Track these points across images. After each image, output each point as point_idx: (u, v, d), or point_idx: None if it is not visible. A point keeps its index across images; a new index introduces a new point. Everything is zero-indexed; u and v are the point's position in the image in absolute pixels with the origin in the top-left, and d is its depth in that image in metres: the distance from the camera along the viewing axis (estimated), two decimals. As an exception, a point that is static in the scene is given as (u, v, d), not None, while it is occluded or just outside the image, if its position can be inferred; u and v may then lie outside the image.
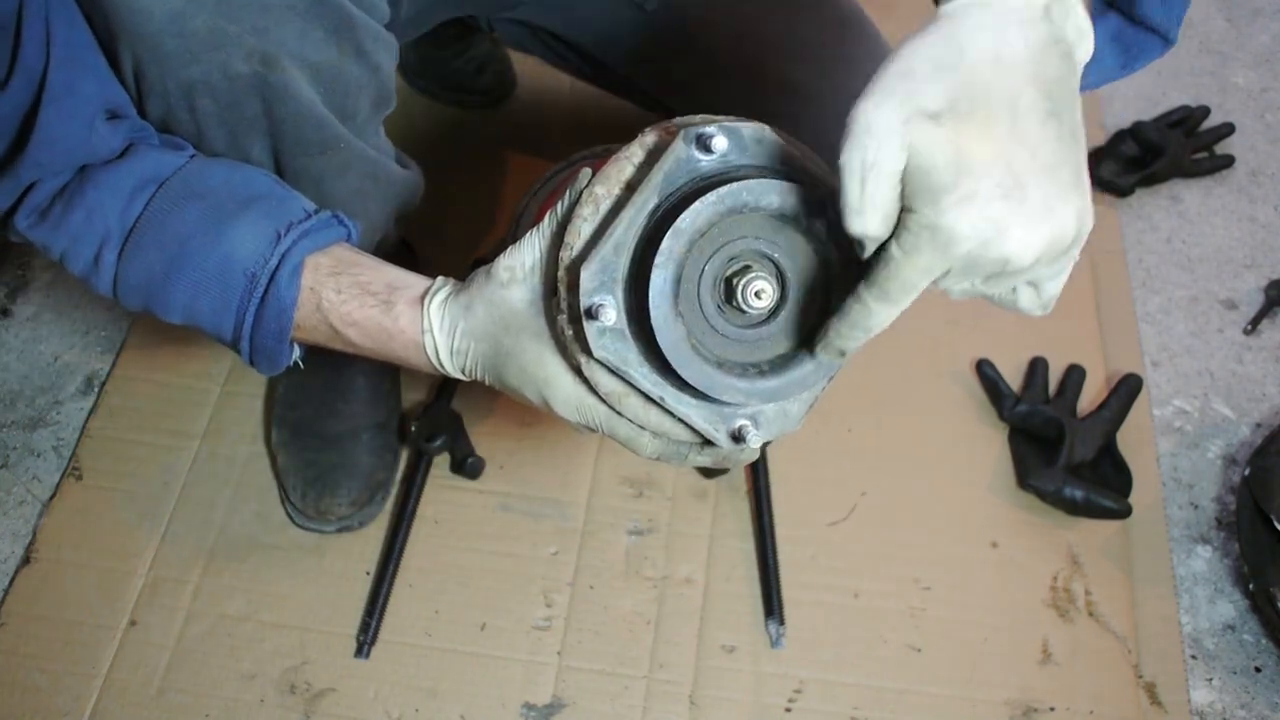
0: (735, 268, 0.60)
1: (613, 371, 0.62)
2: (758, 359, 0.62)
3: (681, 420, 0.63)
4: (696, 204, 0.57)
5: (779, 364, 0.62)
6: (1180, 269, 1.41)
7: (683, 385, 0.61)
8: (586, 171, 0.64)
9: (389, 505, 1.17)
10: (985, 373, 1.26)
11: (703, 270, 0.59)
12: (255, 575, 1.13)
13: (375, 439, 1.17)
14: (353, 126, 0.86)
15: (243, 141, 0.80)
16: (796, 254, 0.60)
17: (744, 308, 0.59)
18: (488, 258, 0.69)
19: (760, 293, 0.58)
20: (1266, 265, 1.41)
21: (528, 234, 0.66)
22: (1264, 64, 1.65)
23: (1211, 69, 1.64)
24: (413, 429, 1.18)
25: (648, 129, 0.65)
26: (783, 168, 0.61)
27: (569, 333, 0.62)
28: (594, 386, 0.64)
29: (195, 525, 1.16)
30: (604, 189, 0.62)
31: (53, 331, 1.33)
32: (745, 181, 0.57)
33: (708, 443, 0.65)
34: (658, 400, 0.62)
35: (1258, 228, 1.46)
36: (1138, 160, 1.46)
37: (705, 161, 0.60)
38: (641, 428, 0.65)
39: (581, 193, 0.63)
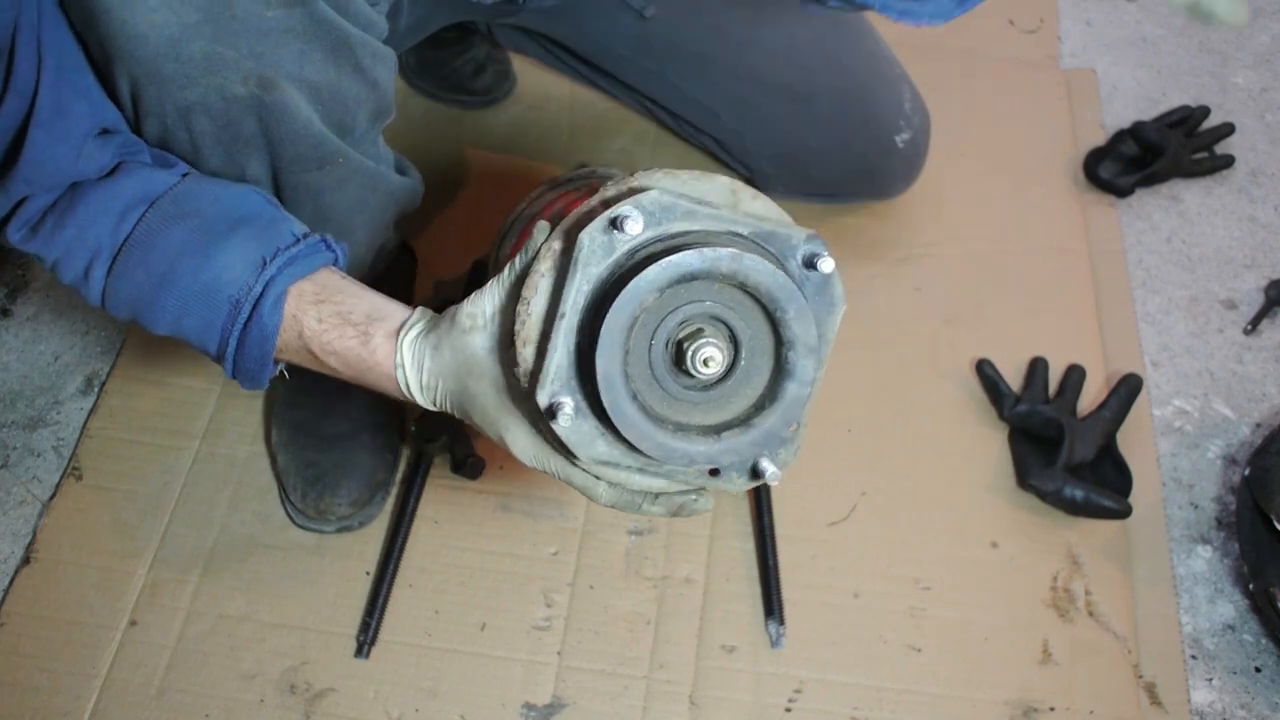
0: (687, 331, 0.59)
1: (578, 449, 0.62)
2: (713, 421, 0.62)
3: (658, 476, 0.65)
4: (626, 290, 0.56)
5: (735, 424, 0.61)
6: (1180, 269, 1.41)
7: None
8: (543, 225, 0.64)
9: (389, 505, 1.17)
10: (985, 373, 1.26)
11: (654, 335, 0.59)
12: (255, 575, 1.13)
13: (375, 439, 1.17)
14: (350, 140, 0.86)
15: (240, 160, 0.80)
16: (750, 316, 0.60)
17: (693, 373, 0.58)
18: (483, 260, 0.70)
19: (709, 360, 0.58)
20: (1266, 265, 1.41)
21: (490, 282, 0.67)
22: (1264, 64, 1.65)
23: (1211, 69, 1.64)
24: (413, 429, 1.18)
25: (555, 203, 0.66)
26: (723, 234, 0.60)
27: (526, 384, 0.63)
28: (551, 440, 0.64)
29: (195, 525, 1.16)
30: (561, 245, 0.62)
31: (53, 331, 1.33)
32: (683, 254, 0.56)
33: (659, 494, 0.66)
34: (631, 470, 0.64)
35: (1258, 228, 1.46)
36: (1138, 160, 1.46)
37: (624, 241, 0.59)
38: (597, 478, 0.66)
39: (539, 250, 0.63)
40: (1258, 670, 1.11)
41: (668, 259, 0.56)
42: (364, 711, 1.06)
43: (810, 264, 0.60)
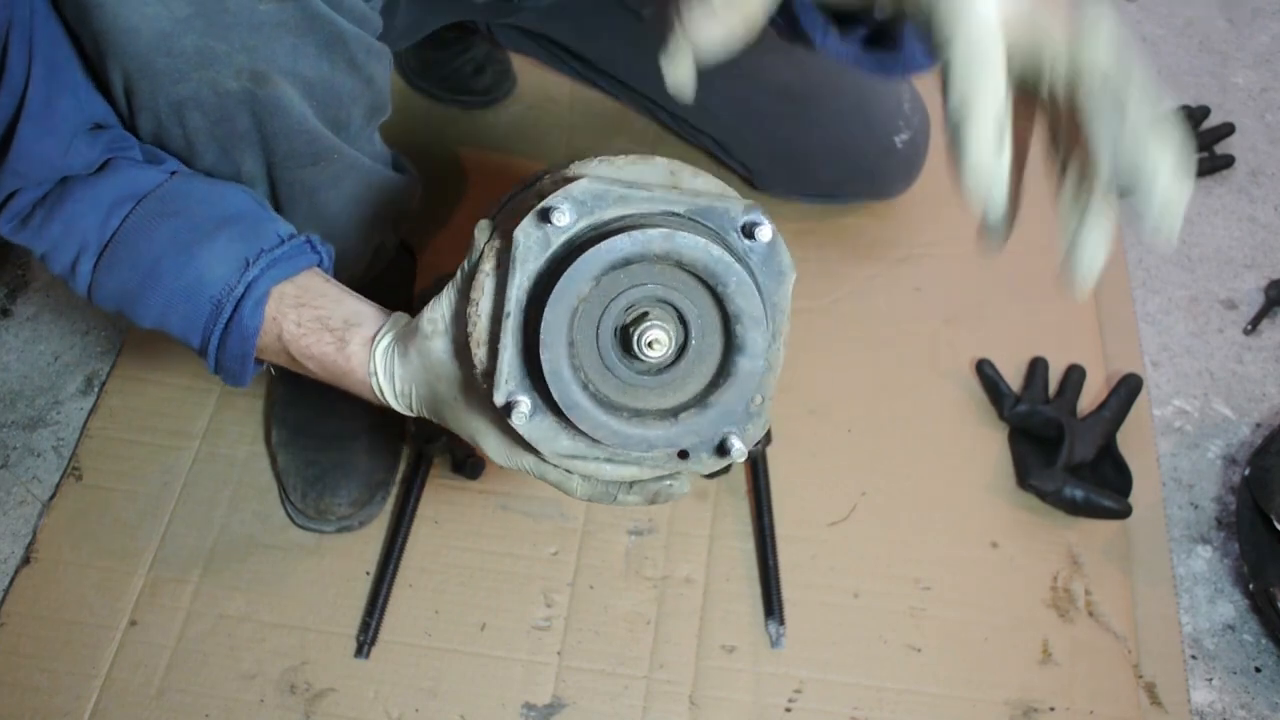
0: (632, 316, 0.58)
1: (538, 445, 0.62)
2: (670, 404, 0.61)
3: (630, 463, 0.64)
4: (559, 282, 0.55)
5: (691, 405, 0.60)
6: (1180, 269, 1.41)
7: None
8: (484, 224, 0.64)
9: (389, 505, 1.17)
10: (985, 373, 1.26)
11: (599, 323, 0.58)
12: (255, 575, 1.13)
13: (375, 439, 1.17)
14: (345, 136, 0.86)
15: (234, 155, 0.80)
16: (696, 295, 0.58)
17: (641, 357, 0.57)
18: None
19: (654, 342, 0.57)
20: (1266, 265, 1.41)
21: (445, 287, 0.67)
22: (1264, 64, 1.65)
23: (1211, 69, 1.64)
24: (413, 429, 1.17)
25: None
26: (657, 214, 0.59)
27: (484, 385, 0.62)
28: (517, 438, 0.64)
29: (195, 525, 1.16)
30: (502, 243, 0.62)
31: (53, 331, 1.33)
32: (612, 239, 0.55)
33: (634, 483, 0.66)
34: (594, 462, 0.63)
35: (1258, 228, 1.46)
36: (1138, 160, 1.46)
37: (557, 233, 0.58)
38: (569, 472, 0.66)
39: (483, 250, 0.63)
40: (1258, 670, 1.11)
41: (596, 246, 0.55)
42: (364, 711, 1.06)
43: (750, 234, 0.58)
